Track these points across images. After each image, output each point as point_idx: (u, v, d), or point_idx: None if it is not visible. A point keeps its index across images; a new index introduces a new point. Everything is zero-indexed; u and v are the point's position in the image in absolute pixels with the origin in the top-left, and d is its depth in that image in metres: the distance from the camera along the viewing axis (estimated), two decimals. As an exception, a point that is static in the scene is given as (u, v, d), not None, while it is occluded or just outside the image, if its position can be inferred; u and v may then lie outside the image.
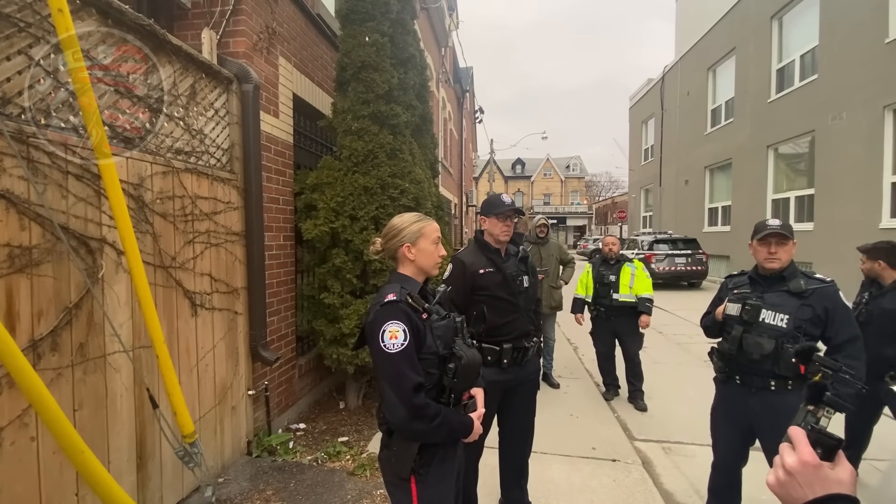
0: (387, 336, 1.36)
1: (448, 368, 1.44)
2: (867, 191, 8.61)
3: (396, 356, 1.35)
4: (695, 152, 15.85)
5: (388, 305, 1.41)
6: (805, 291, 2.08)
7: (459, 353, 1.44)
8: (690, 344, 6.53)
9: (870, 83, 8.57)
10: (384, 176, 3.44)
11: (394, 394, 1.35)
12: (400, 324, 1.37)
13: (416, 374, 1.37)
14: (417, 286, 1.54)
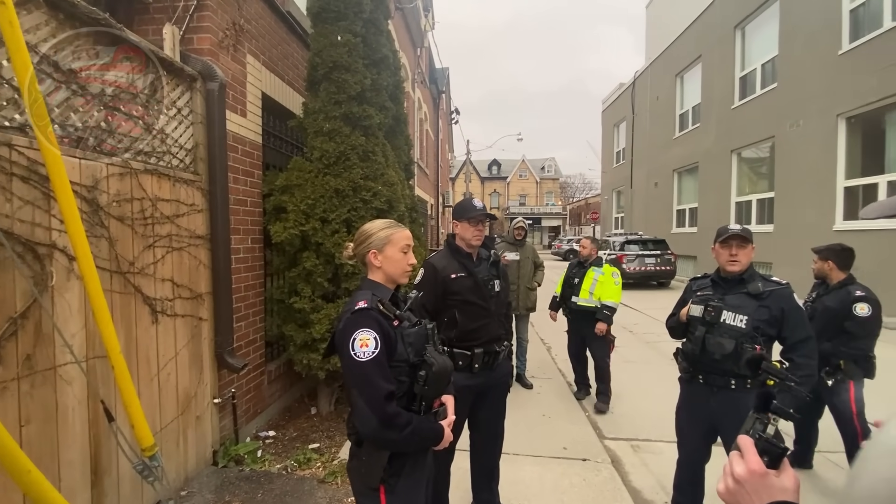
0: (357, 344, 1.34)
1: (419, 376, 1.43)
2: (822, 195, 9.06)
3: (367, 364, 1.33)
4: (664, 155, 16.34)
5: (358, 313, 1.39)
6: (763, 293, 2.17)
7: (430, 360, 1.44)
8: (659, 342, 6.71)
9: (824, 92, 9.03)
10: (356, 178, 3.39)
11: (364, 403, 1.33)
12: (371, 332, 1.35)
13: (388, 382, 1.35)
14: (389, 292, 1.53)
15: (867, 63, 8.04)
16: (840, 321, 2.91)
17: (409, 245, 1.58)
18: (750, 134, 11.57)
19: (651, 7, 19.55)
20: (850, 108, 8.50)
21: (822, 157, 9.11)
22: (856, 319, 2.86)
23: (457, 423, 1.99)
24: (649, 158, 17.67)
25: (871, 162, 8.39)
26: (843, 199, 8.76)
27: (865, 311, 2.85)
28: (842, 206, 8.78)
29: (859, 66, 8.21)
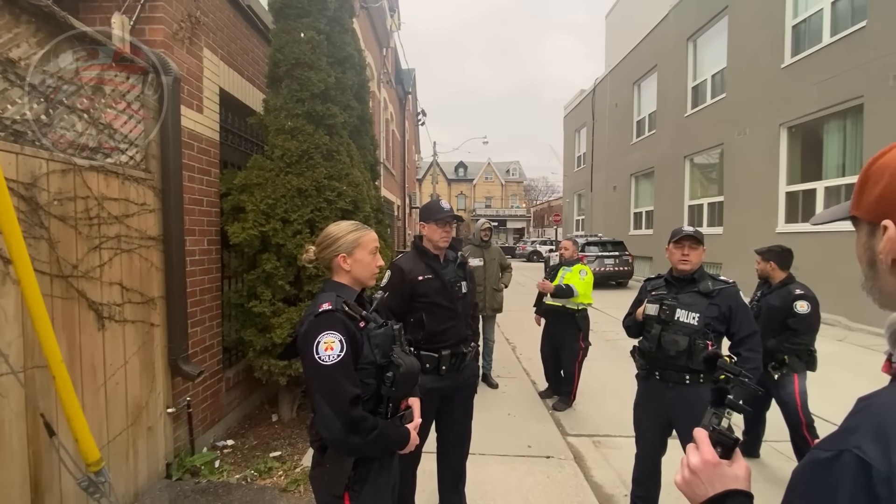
0: (321, 347, 1.31)
1: (386, 377, 1.41)
2: (766, 199, 9.67)
3: (332, 368, 1.30)
4: (622, 160, 16.96)
5: (323, 315, 1.36)
6: (712, 292, 2.29)
7: (398, 361, 1.42)
8: (619, 340, 6.94)
9: (768, 103, 9.64)
10: (320, 178, 3.32)
11: (329, 408, 1.30)
12: (336, 334, 1.32)
13: (354, 385, 1.33)
14: (354, 294, 1.50)
15: (807, 76, 8.65)
16: (783, 318, 3.11)
17: (376, 247, 1.57)
18: (701, 141, 12.19)
19: (610, 17, 20.27)
20: (791, 117, 9.12)
21: (766, 163, 9.72)
22: (797, 316, 3.06)
23: (423, 425, 1.98)
24: (608, 163, 18.29)
25: (810, 169, 9.03)
26: (785, 204, 9.38)
27: (805, 309, 3.06)
28: (783, 210, 9.40)
29: (800, 78, 8.82)
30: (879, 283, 0.59)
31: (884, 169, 0.56)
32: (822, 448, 0.50)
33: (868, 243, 0.59)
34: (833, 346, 6.16)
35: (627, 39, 16.80)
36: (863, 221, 0.60)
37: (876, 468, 0.44)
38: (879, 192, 0.56)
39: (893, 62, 6.95)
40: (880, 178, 0.56)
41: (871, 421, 0.48)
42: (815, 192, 8.74)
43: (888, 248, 0.54)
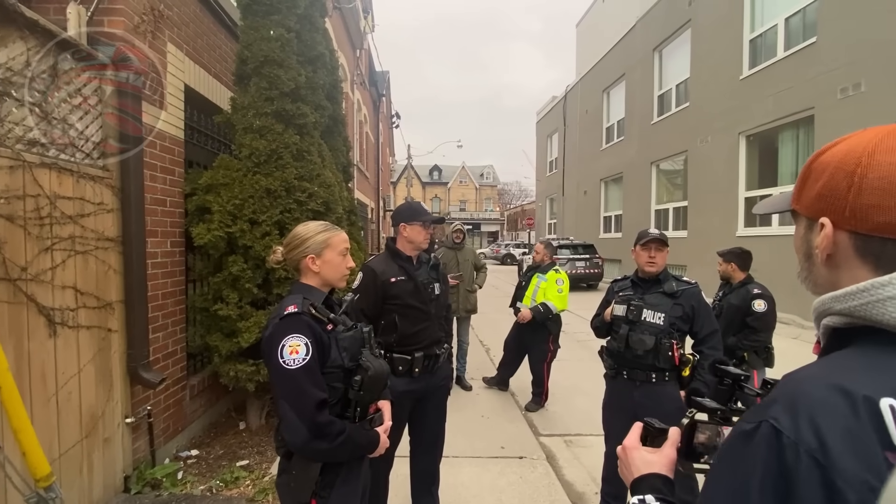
0: (286, 351, 1.27)
1: (354, 381, 1.39)
2: (727, 204, 10.10)
3: (297, 372, 1.26)
4: (592, 165, 17.38)
5: (288, 318, 1.32)
6: (676, 292, 2.37)
7: (366, 364, 1.40)
8: (588, 341, 7.07)
9: (728, 112, 10.09)
10: (290, 178, 3.25)
11: (294, 413, 1.27)
12: (301, 337, 1.29)
13: (320, 389, 1.30)
14: (322, 296, 1.47)
15: (764, 87, 9.10)
16: (742, 317, 3.24)
17: (346, 248, 1.53)
18: (667, 148, 12.63)
19: (581, 26, 20.77)
20: (749, 127, 9.57)
21: (726, 170, 10.16)
22: (754, 315, 3.20)
23: (396, 428, 1.96)
24: (579, 168, 18.70)
25: (767, 175, 9.49)
26: (744, 208, 9.82)
27: (762, 307, 3.21)
28: (743, 215, 9.84)
29: (757, 89, 9.27)
30: (813, 275, 0.62)
31: (824, 167, 0.57)
32: (746, 420, 0.53)
33: (806, 236, 0.62)
34: (789, 344, 6.47)
35: (597, 48, 17.26)
36: (801, 215, 0.62)
37: (786, 436, 0.47)
38: (818, 190, 0.57)
39: (841, 76, 7.40)
40: (820, 176, 0.58)
41: (786, 393, 0.51)
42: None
43: (824, 245, 0.57)
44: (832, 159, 0.57)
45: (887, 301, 0.49)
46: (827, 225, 0.56)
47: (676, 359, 2.27)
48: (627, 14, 14.78)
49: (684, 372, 2.30)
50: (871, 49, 6.91)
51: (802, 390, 0.50)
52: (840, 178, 0.55)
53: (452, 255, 4.69)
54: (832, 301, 0.56)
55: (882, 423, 0.44)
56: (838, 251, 0.56)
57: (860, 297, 0.52)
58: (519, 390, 4.75)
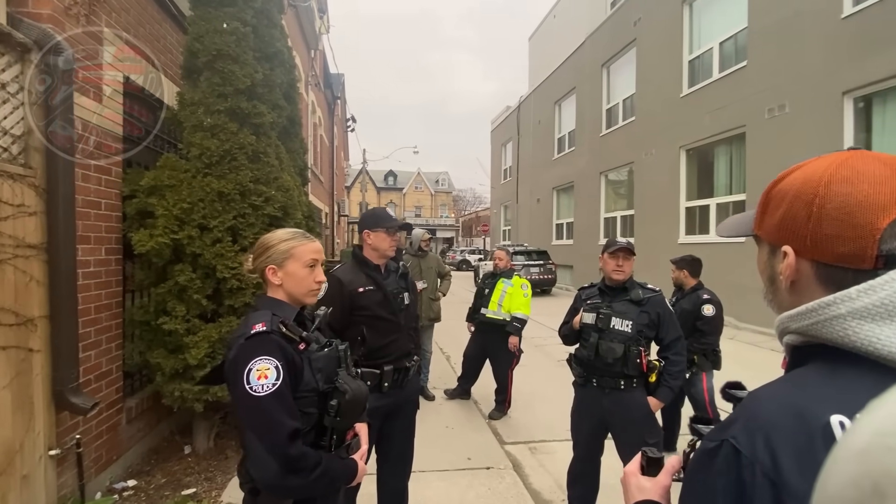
0: (254, 375, 1.14)
1: (329, 406, 1.26)
2: (669, 213, 10.72)
3: (266, 399, 1.13)
4: (545, 174, 17.92)
5: (256, 338, 1.19)
6: (643, 300, 2.42)
7: (343, 387, 1.27)
8: (546, 346, 7.21)
9: (670, 127, 10.74)
10: (245, 181, 3.04)
11: (263, 446, 1.13)
12: (271, 360, 1.16)
13: (292, 418, 1.17)
14: (293, 311, 1.33)
15: (701, 105, 9.77)
16: (693, 321, 3.40)
17: (315, 259, 1.38)
18: (614, 159, 13.26)
19: (533, 39, 21.47)
20: (688, 141, 10.23)
21: (669, 181, 10.80)
22: (703, 319, 3.37)
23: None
24: (532, 176, 19.22)
25: (704, 187, 10.18)
26: (685, 217, 10.47)
27: (710, 312, 3.38)
28: (684, 223, 10.48)
29: (696, 107, 9.94)
30: (778, 298, 0.63)
31: (783, 195, 0.59)
32: (710, 438, 0.55)
33: (769, 262, 0.63)
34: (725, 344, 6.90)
35: (549, 61, 17.87)
36: (764, 241, 0.64)
37: (744, 454, 0.49)
38: (779, 218, 0.59)
39: (768, 98, 8.08)
40: (780, 204, 0.59)
41: (745, 412, 0.53)
42: (709, 207, 9.86)
43: (787, 273, 0.58)
44: (790, 188, 0.58)
45: (834, 320, 0.51)
46: (790, 254, 0.57)
47: (644, 365, 2.32)
48: (577, 30, 15.44)
49: (651, 378, 2.35)
50: (793, 74, 7.61)
51: (760, 410, 0.52)
52: (799, 207, 0.56)
53: (416, 262, 4.60)
54: (788, 320, 0.58)
55: (832, 440, 0.46)
56: (801, 278, 0.58)
57: (810, 317, 0.54)
58: (482, 398, 4.72)
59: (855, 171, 0.53)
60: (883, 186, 0.51)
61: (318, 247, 1.41)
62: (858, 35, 6.58)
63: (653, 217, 11.34)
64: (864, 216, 0.51)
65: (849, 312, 0.50)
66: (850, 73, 6.70)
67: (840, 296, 0.51)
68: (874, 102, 6.67)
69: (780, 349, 2.39)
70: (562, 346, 2.68)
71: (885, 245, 0.50)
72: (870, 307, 0.49)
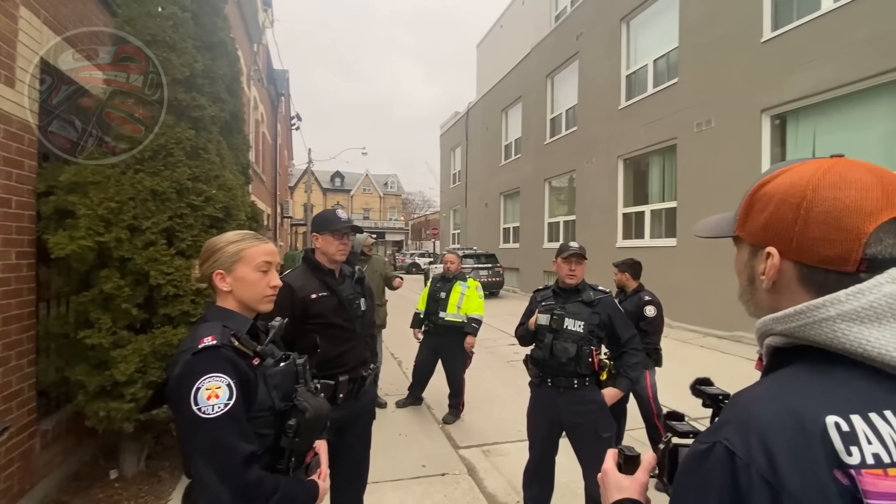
0: (203, 395, 1.03)
1: (287, 426, 1.16)
2: (608, 218, 11.31)
3: (218, 422, 1.02)
4: (493, 180, 18.29)
5: (204, 353, 1.08)
6: (594, 301, 2.52)
7: (303, 404, 1.18)
8: (496, 347, 7.32)
9: (609, 137, 11.34)
10: (182, 178, 2.81)
11: (215, 473, 1.02)
12: (223, 377, 1.06)
13: (247, 441, 1.07)
14: (246, 322, 1.23)
15: (637, 118, 10.41)
16: (636, 322, 3.58)
17: (268, 262, 1.28)
18: (557, 166, 13.79)
19: (481, 47, 21.91)
20: (626, 151, 10.86)
21: (608, 189, 11.40)
22: (646, 319, 3.56)
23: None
24: (481, 181, 19.55)
25: (640, 194, 10.85)
26: (622, 223, 11.10)
27: (652, 312, 3.58)
28: (621, 228, 11.10)
29: (632, 119, 10.57)
30: (756, 298, 0.64)
31: (769, 198, 0.60)
32: (701, 441, 0.55)
33: (749, 262, 0.64)
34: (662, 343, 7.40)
35: (496, 69, 18.30)
36: (745, 242, 0.65)
37: (739, 456, 0.49)
38: (765, 220, 0.60)
39: (697, 113, 8.77)
40: (765, 206, 0.60)
41: (738, 414, 0.53)
42: (644, 213, 10.52)
43: (770, 275, 0.59)
44: (776, 191, 0.59)
45: (822, 322, 0.52)
46: (774, 255, 0.58)
47: (595, 364, 2.41)
48: (523, 40, 15.94)
49: (602, 376, 2.44)
50: (718, 92, 8.31)
51: (753, 411, 0.52)
52: (786, 210, 0.57)
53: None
54: (773, 322, 0.58)
55: (829, 441, 0.47)
56: (782, 279, 0.59)
57: (798, 319, 0.54)
58: (434, 402, 4.69)
59: (842, 177, 0.54)
60: (870, 193, 0.53)
61: (272, 248, 1.32)
62: (775, 58, 7.31)
63: (593, 222, 11.90)
64: (852, 220, 0.52)
65: (838, 315, 0.51)
66: (768, 92, 7.43)
67: (829, 298, 0.52)
68: (788, 120, 7.43)
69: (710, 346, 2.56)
70: (512, 348, 2.74)
71: (870, 249, 0.52)
72: (859, 310, 0.51)
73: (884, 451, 0.47)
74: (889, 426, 0.48)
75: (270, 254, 1.29)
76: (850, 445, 0.47)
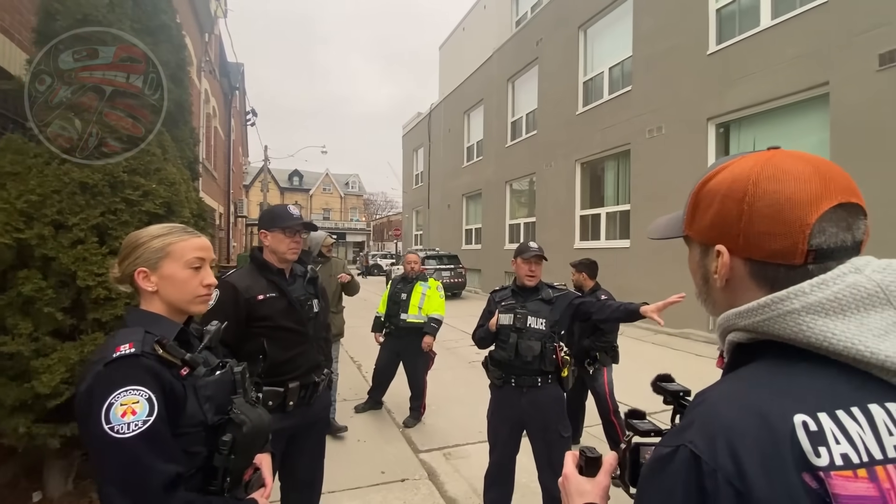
0: (116, 412, 0.90)
1: (222, 442, 1.04)
2: (566, 220, 11.60)
3: (134, 442, 0.90)
4: (455, 181, 18.35)
5: (119, 363, 0.95)
6: (552, 299, 2.53)
7: (239, 417, 1.06)
8: (458, 348, 7.31)
9: (567, 142, 11.64)
10: (117, 170, 2.58)
11: (131, 501, 0.90)
12: (141, 391, 0.93)
13: (169, 461, 0.94)
14: (174, 328, 1.10)
15: (594, 123, 10.74)
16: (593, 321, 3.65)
17: (201, 258, 1.14)
18: (518, 169, 14.02)
19: (444, 49, 21.95)
20: (583, 155, 11.18)
21: (566, 191, 11.69)
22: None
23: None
24: (443, 183, 19.57)
25: (596, 197, 11.20)
26: (579, 224, 11.42)
27: None
28: (578, 230, 11.42)
29: (589, 124, 10.90)
30: (712, 297, 0.63)
31: (713, 195, 0.59)
32: (664, 444, 0.53)
33: (702, 261, 0.63)
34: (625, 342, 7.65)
35: (459, 72, 18.38)
36: (695, 241, 0.64)
37: (705, 461, 0.47)
38: (711, 218, 0.59)
39: (648, 119, 9.15)
40: (710, 204, 0.59)
41: (702, 415, 0.52)
42: (600, 216, 10.87)
43: (722, 273, 0.58)
44: (719, 188, 0.58)
45: (787, 316, 0.51)
46: (724, 253, 0.57)
47: (559, 360, 2.41)
48: (486, 44, 16.10)
49: (563, 373, 2.45)
50: (669, 100, 8.71)
51: (718, 412, 0.50)
52: (730, 206, 0.56)
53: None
54: (736, 317, 0.56)
55: (797, 442, 0.45)
56: (734, 276, 0.58)
57: (762, 313, 0.53)
58: (394, 406, 4.59)
59: (780, 170, 0.54)
60: (807, 184, 0.52)
61: (205, 243, 1.17)
62: (720, 70, 7.74)
63: (552, 224, 12.17)
64: (793, 212, 0.52)
65: (802, 307, 0.50)
66: (713, 102, 7.85)
67: (793, 290, 0.51)
68: (731, 128, 7.89)
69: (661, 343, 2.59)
70: (473, 348, 2.70)
71: (815, 240, 0.52)
72: (823, 301, 0.49)
73: (853, 450, 0.45)
74: (857, 424, 0.46)
75: (203, 249, 1.16)
76: (818, 446, 0.45)
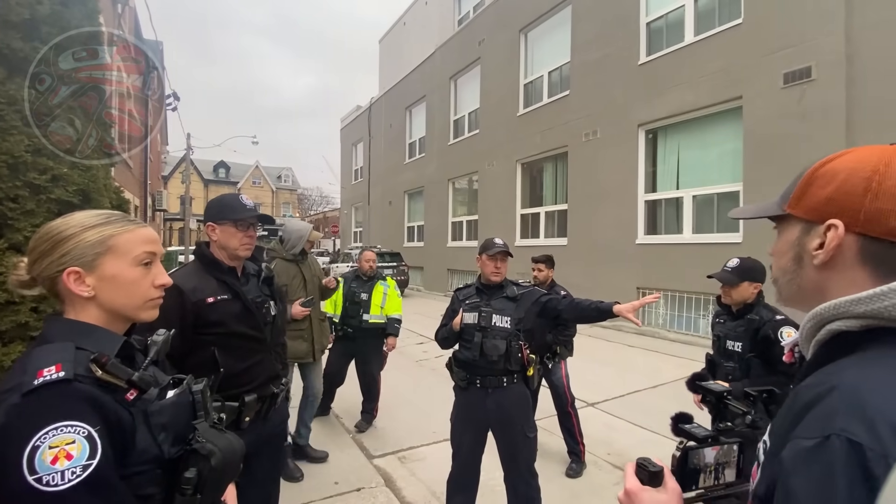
0: (44, 458, 0.68)
1: (184, 479, 0.84)
2: (507, 219, 11.88)
3: (71, 496, 0.69)
4: (397, 178, 18.09)
5: (42, 393, 0.73)
6: (517, 296, 2.49)
7: (206, 447, 0.86)
8: (404, 347, 7.15)
9: (508, 142, 11.90)
10: (17, 149, 2.16)
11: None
12: (78, 426, 0.72)
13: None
14: (115, 341, 0.87)
15: (534, 125, 11.07)
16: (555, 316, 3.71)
17: (151, 252, 0.93)
18: (461, 168, 14.12)
19: (384, 42, 21.52)
20: (523, 156, 11.49)
21: (507, 191, 11.97)
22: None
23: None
24: (384, 179, 19.21)
25: (535, 197, 11.57)
26: (520, 223, 11.74)
27: None
28: (519, 228, 11.74)
29: (529, 126, 11.21)
30: (800, 279, 0.64)
31: (835, 172, 0.61)
32: (803, 437, 0.50)
33: (800, 240, 0.64)
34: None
35: (400, 66, 18.11)
36: (795, 220, 0.65)
37: (868, 448, 0.45)
38: (829, 194, 0.60)
39: (585, 123, 9.59)
40: (830, 181, 0.61)
41: (847, 402, 0.49)
42: (539, 215, 11.25)
43: (831, 246, 0.59)
44: (843, 167, 0.60)
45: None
46: (839, 226, 0.58)
47: (525, 359, 2.38)
48: (428, 40, 16.00)
49: (529, 372, 2.43)
50: (603, 106, 9.19)
51: (867, 398, 0.48)
52: (855, 182, 0.58)
53: (295, 269, 3.30)
54: (850, 304, 0.56)
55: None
56: (840, 253, 0.59)
57: (891, 298, 0.52)
58: (342, 411, 4.37)
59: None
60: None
61: (152, 234, 0.95)
62: (649, 80, 8.29)
63: (494, 222, 12.40)
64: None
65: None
66: (643, 109, 8.40)
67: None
68: (658, 135, 8.48)
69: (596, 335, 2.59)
70: (420, 347, 2.61)
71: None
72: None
73: None
74: None
75: (152, 241, 0.94)
76: None
